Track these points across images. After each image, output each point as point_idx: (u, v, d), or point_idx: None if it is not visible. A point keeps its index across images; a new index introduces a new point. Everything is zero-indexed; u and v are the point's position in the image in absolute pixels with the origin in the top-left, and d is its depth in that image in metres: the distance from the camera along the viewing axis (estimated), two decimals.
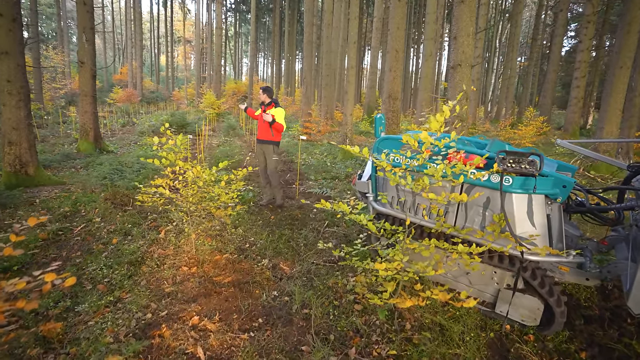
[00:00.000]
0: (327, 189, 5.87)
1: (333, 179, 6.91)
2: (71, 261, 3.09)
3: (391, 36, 9.93)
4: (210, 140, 12.62)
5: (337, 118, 19.51)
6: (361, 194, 3.43)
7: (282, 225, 4.24)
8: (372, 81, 20.42)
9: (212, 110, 19.85)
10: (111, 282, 2.74)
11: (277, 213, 4.77)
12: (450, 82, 4.80)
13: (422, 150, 2.17)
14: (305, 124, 12.81)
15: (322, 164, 8.18)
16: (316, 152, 10.03)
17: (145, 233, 3.74)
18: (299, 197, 5.61)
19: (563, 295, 2.25)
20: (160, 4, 39.05)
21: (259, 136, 4.83)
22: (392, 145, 2.95)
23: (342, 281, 2.80)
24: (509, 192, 2.27)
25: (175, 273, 2.92)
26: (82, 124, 8.47)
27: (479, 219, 2.49)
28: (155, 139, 2.84)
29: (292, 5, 29.62)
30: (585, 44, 15.85)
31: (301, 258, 3.31)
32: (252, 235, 3.83)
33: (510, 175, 2.27)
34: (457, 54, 4.62)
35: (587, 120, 20.56)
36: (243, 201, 5.09)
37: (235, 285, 2.76)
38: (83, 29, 8.04)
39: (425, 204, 2.76)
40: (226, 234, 3.78)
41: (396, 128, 10.47)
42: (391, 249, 2.49)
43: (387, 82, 10.20)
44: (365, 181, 3.26)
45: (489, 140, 3.01)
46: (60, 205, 4.50)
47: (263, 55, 52.65)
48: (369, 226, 2.32)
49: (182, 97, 32.67)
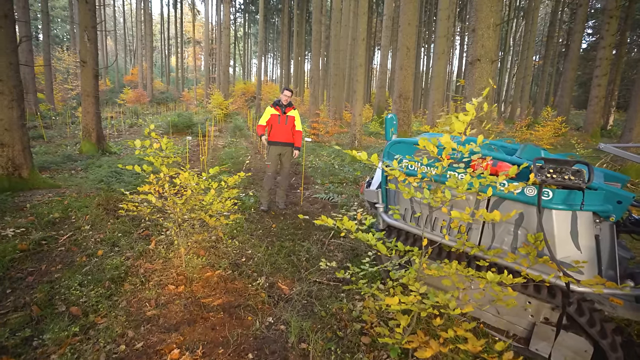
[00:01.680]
0: (334, 195, 5.51)
1: (340, 182, 6.55)
2: (49, 276, 2.80)
3: (402, 32, 9.52)
4: (216, 141, 12.40)
5: (346, 118, 19.13)
6: (370, 204, 3.07)
7: (283, 236, 3.90)
8: (382, 81, 19.99)
9: (220, 110, 19.70)
10: (87, 303, 2.44)
11: (279, 221, 4.43)
12: (468, 79, 4.39)
13: (442, 157, 1.80)
14: (313, 124, 12.46)
15: (330, 167, 7.82)
16: (323, 153, 9.67)
17: (135, 243, 3.45)
18: (304, 203, 5.26)
19: (617, 334, 1.84)
20: (170, 5, 39.31)
21: (277, 138, 4.57)
22: (405, 150, 2.58)
23: (348, 306, 2.44)
24: (548, 208, 1.88)
25: (160, 293, 2.60)
26: (84, 124, 8.30)
27: (509, 239, 2.10)
28: (137, 142, 2.53)
29: (301, 6, 29.35)
30: (607, 40, 15.12)
31: (302, 276, 2.96)
32: (250, 247, 3.50)
33: (550, 187, 1.88)
34: (477, 48, 4.20)
35: (608, 121, 19.64)
36: (243, 207, 4.77)
37: (225, 309, 2.42)
38: (85, 28, 7.86)
39: (445, 218, 2.38)
40: (221, 245, 3.45)
41: (407, 129, 10.05)
42: (404, 271, 2.13)
43: (397, 80, 9.78)
44: (375, 190, 2.89)
45: (519, 145, 2.61)
46: (51, 210, 4.25)
47: (272, 56, 52.58)
48: (378, 247, 1.96)
49: (192, 98, 32.74)
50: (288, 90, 4.53)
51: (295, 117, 4.63)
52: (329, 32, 22.50)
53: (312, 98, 14.15)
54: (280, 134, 4.56)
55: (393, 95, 10.18)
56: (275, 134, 4.57)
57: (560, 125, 14.01)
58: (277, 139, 4.58)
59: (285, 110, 4.56)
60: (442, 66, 14.72)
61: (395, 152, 2.66)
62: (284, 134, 4.56)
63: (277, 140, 4.58)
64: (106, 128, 14.26)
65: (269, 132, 4.62)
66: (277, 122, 4.54)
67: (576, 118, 23.74)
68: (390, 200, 2.75)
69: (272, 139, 4.60)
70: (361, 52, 8.25)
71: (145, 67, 31.74)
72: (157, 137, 2.69)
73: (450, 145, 1.57)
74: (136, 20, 36.01)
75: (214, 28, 34.43)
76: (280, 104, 4.57)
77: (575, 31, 17.82)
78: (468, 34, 4.32)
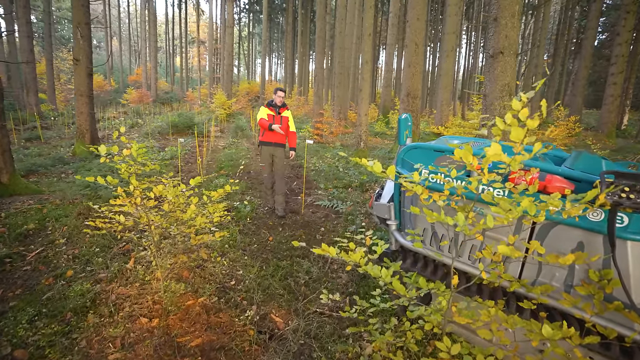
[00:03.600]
0: (338, 202, 5.06)
1: (345, 187, 6.10)
2: (2, 305, 2.39)
3: (410, 28, 9.03)
4: (216, 142, 12.01)
5: (351, 118, 18.66)
6: (380, 219, 2.62)
7: (280, 251, 3.46)
8: (388, 80, 19.49)
9: (223, 110, 19.34)
10: (40, 343, 2.02)
11: (276, 232, 3.99)
12: (488, 75, 3.91)
13: (483, 172, 1.33)
14: (317, 124, 12.01)
15: (334, 170, 7.38)
16: (327, 155, 9.22)
17: (111, 262, 3.03)
18: (305, 211, 4.82)
19: None
20: (175, 5, 39.12)
21: (270, 138, 4.48)
22: (424, 158, 2.12)
23: (354, 350, 2.00)
24: (622, 238, 1.42)
25: (130, 328, 2.18)
26: (77, 125, 7.94)
27: (562, 274, 1.64)
28: (102, 148, 2.11)
29: (306, 5, 28.94)
30: (623, 36, 14.48)
31: (299, 306, 2.51)
32: (242, 266, 3.06)
33: (625, 211, 1.42)
34: (499, 39, 3.73)
35: (622, 120, 18.92)
36: (238, 217, 4.35)
37: (203, 352, 1.99)
38: (78, 24, 7.50)
39: (475, 242, 1.93)
40: (209, 265, 3.02)
41: (416, 129, 9.56)
42: (424, 308, 1.69)
43: (405, 79, 9.29)
44: (386, 204, 2.44)
45: (572, 153, 2.15)
46: (26, 221, 3.86)
47: (277, 56, 52.24)
48: (394, 285, 1.52)
49: (195, 98, 32.48)
50: (281, 90, 4.42)
51: (289, 117, 4.55)
52: (334, 31, 22.04)
53: (316, 97, 13.71)
54: (273, 134, 4.46)
55: (400, 94, 9.70)
56: (269, 135, 4.47)
57: (574, 125, 13.42)
58: (269, 140, 4.49)
59: (279, 111, 4.47)
60: (450, 64, 14.20)
61: (411, 159, 2.21)
62: (277, 135, 4.47)
63: (270, 141, 4.49)
64: (107, 129, 13.97)
65: (262, 133, 4.51)
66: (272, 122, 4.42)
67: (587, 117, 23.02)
68: (405, 217, 2.30)
69: (264, 140, 4.50)
70: (367, 49, 7.79)
71: (149, 67, 31.54)
72: (127, 141, 2.26)
73: (502, 158, 1.12)
74: (141, 20, 35.87)
75: (218, 27, 34.19)
76: (274, 105, 4.46)
77: (589, 28, 17.15)
78: (489, 24, 3.85)
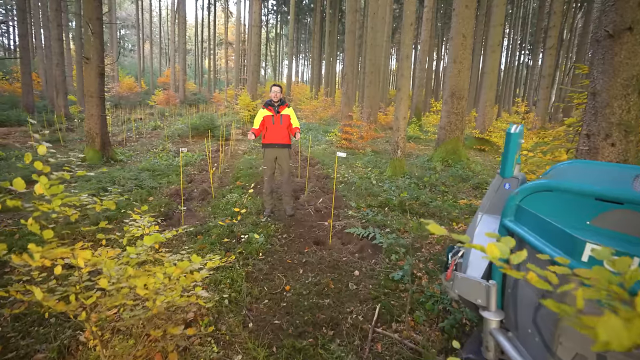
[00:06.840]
0: (375, 230, 3.97)
1: (382, 206, 5.00)
2: None
3: (457, 17, 7.77)
4: (237, 145, 11.26)
5: (381, 121, 17.44)
6: (465, 302, 1.55)
7: (299, 312, 2.43)
8: (421, 79, 18.08)
9: (247, 112, 18.74)
10: None
11: (296, 275, 2.98)
12: (601, 65, 2.69)
13: None
14: (345, 128, 10.94)
15: (366, 182, 6.29)
16: (358, 164, 8.13)
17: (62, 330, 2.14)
18: (333, 241, 3.78)
19: None
20: (204, 8, 39.51)
21: (272, 140, 4.25)
22: (568, 210, 1.03)
23: None
24: None
25: None
26: (87, 129, 7.36)
27: None
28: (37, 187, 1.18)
29: (334, 5, 27.98)
30: None
31: None
32: (242, 348, 2.06)
33: None
34: (625, 9, 2.51)
35: None
36: (248, 250, 3.38)
37: None
38: (88, 20, 6.91)
39: None
40: (195, 346, 2.05)
41: (461, 135, 8.27)
42: None
43: (450, 76, 8.03)
44: (478, 280, 1.38)
45: None
46: None
47: (303, 57, 51.69)
48: None
49: (222, 99, 32.41)
50: (276, 85, 4.21)
51: (291, 114, 4.30)
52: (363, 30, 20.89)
53: (345, 98, 12.64)
54: (275, 135, 4.23)
55: (444, 94, 8.44)
56: (270, 136, 4.24)
57: None
58: (272, 141, 4.25)
59: (278, 110, 4.23)
60: (496, 60, 12.65)
61: (539, 209, 1.12)
62: (280, 135, 4.23)
63: (273, 142, 4.26)
64: (129, 131, 13.65)
65: (264, 135, 4.28)
66: (272, 123, 4.22)
67: None
68: (520, 310, 1.22)
69: (266, 142, 4.27)
70: (408, 41, 6.64)
71: (178, 68, 31.84)
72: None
73: None
74: (171, 23, 36.45)
75: (245, 29, 34.02)
76: (272, 104, 4.23)
77: None
78: None
